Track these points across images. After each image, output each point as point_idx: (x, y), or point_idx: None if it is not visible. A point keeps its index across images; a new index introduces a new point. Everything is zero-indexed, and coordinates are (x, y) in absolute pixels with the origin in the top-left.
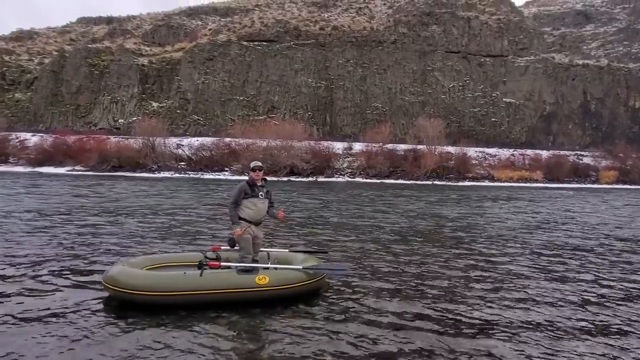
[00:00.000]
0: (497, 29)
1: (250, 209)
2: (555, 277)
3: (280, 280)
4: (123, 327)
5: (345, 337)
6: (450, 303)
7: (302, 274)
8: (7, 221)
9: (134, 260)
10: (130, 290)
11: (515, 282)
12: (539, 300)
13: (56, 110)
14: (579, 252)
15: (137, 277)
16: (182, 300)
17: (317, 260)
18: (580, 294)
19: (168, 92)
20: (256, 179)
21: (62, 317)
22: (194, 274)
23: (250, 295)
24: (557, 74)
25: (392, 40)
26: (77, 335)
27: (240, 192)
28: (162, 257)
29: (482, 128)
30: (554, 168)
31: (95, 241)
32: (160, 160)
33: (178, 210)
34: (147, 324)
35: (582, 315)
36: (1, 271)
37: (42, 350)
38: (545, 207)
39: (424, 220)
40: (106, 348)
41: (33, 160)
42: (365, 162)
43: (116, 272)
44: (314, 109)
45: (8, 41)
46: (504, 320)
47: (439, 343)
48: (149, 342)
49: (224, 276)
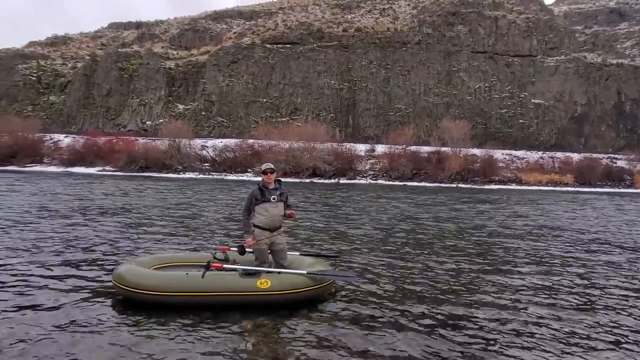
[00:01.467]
0: (525, 28)
1: (262, 215)
2: (578, 286)
3: (282, 285)
4: (124, 325)
5: (348, 344)
6: (465, 308)
7: (306, 279)
8: (36, 218)
9: (142, 259)
10: (135, 289)
11: (540, 293)
12: (563, 310)
13: (88, 112)
14: (607, 259)
15: (142, 276)
16: (183, 300)
17: (325, 265)
18: (608, 306)
19: (194, 95)
20: (268, 183)
21: (70, 313)
22: (196, 275)
23: (251, 299)
24: (589, 74)
25: (416, 41)
26: (79, 329)
27: (250, 198)
28: (170, 257)
29: (509, 130)
30: (586, 171)
31: (114, 238)
32: (185, 161)
33: (198, 211)
34: (152, 324)
35: (610, 327)
36: (20, 266)
37: (45, 345)
38: (576, 211)
39: (445, 224)
40: (104, 344)
41: (66, 161)
42: (388, 164)
43: (123, 271)
44: (336, 111)
45: (44, 46)
46: (525, 330)
47: (449, 349)
48: (148, 341)
49: (226, 278)
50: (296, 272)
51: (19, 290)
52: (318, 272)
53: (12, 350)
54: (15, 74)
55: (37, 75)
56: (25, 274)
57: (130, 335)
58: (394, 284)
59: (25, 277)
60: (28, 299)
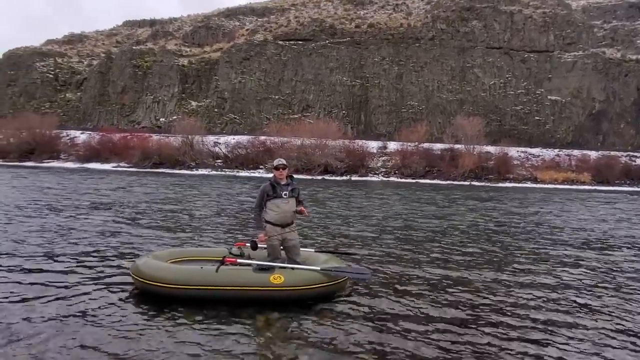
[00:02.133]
0: (542, 23)
1: (273, 211)
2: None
3: (296, 281)
4: (139, 316)
5: (362, 342)
6: (486, 309)
7: (320, 275)
8: (56, 212)
9: (159, 252)
10: (151, 282)
11: (559, 292)
12: (588, 312)
13: (103, 109)
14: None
15: (158, 270)
16: (196, 294)
17: (340, 262)
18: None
19: (206, 92)
20: (280, 178)
21: (88, 303)
22: (209, 269)
23: (264, 294)
24: (608, 70)
25: (429, 37)
26: (93, 320)
27: (262, 194)
28: (187, 251)
29: (524, 127)
30: (604, 170)
31: (134, 232)
32: (198, 157)
33: (214, 206)
34: (166, 316)
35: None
36: (42, 259)
37: (59, 334)
38: (592, 210)
39: (462, 222)
40: (115, 334)
41: (82, 157)
42: (400, 162)
43: (141, 264)
44: (348, 108)
45: (61, 44)
46: (539, 328)
47: (465, 347)
48: (160, 333)
49: (240, 273)
50: (310, 268)
51: (40, 281)
52: (332, 269)
53: (31, 339)
54: (34, 72)
55: (54, 72)
56: (46, 265)
57: (142, 327)
58: (409, 281)
59: (44, 268)
60: (46, 289)
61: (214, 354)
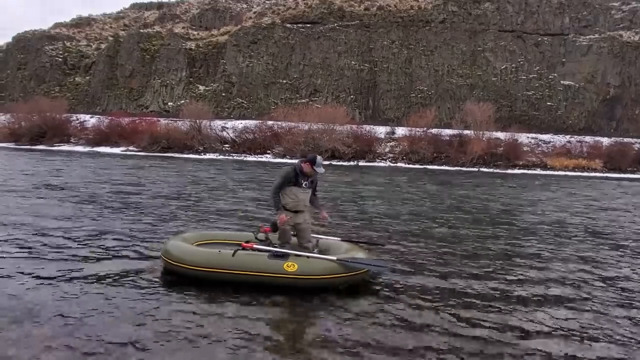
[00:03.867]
0: (557, 5)
1: (290, 198)
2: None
3: (310, 270)
4: (166, 297)
5: (378, 338)
6: (494, 303)
7: (336, 265)
8: (88, 198)
9: (188, 234)
10: (175, 263)
11: (582, 288)
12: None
13: (111, 93)
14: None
15: (183, 251)
16: (213, 276)
17: (363, 253)
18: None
19: (214, 76)
20: (307, 172)
21: (120, 282)
22: (227, 253)
23: (276, 280)
24: (625, 54)
25: (440, 20)
26: (124, 299)
27: (285, 179)
28: (214, 234)
29: (536, 113)
30: (616, 157)
31: (163, 215)
32: (206, 142)
33: (241, 191)
34: (195, 298)
35: None
36: (77, 241)
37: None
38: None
39: (480, 209)
40: (127, 311)
41: (91, 141)
42: (408, 147)
43: (170, 245)
44: (356, 92)
45: (69, 28)
46: (564, 325)
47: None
48: (189, 314)
49: (255, 258)
50: (326, 258)
51: (66, 257)
52: (349, 260)
53: (59, 318)
54: (43, 56)
55: (63, 56)
56: (78, 244)
57: (157, 307)
58: (431, 275)
59: (76, 247)
60: (78, 267)
61: (219, 337)
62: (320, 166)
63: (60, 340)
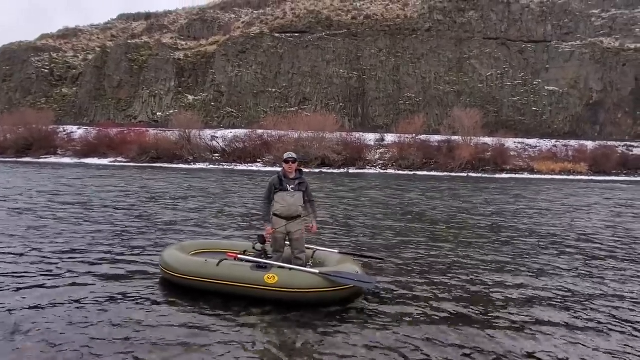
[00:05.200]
0: (539, 13)
1: (279, 204)
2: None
3: (290, 283)
4: (157, 306)
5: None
6: (487, 301)
7: (318, 279)
8: (76, 209)
9: (185, 243)
10: (168, 271)
11: (578, 297)
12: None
13: (99, 104)
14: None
15: (176, 260)
16: (198, 286)
17: (356, 266)
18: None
19: (203, 85)
20: (289, 172)
21: (116, 293)
22: (212, 263)
23: (257, 292)
24: (606, 60)
25: (426, 28)
26: (119, 309)
27: (270, 187)
28: (211, 243)
29: (521, 118)
30: (600, 160)
31: (158, 226)
32: (195, 151)
33: (225, 200)
34: (188, 307)
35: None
36: (77, 250)
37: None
38: (592, 200)
39: (468, 215)
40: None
41: (79, 152)
42: (398, 154)
43: (165, 254)
44: (345, 100)
45: (56, 39)
46: (553, 324)
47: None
48: (184, 325)
49: (238, 269)
50: (308, 271)
51: (55, 269)
52: (332, 274)
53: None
54: (29, 67)
55: (50, 67)
56: (75, 256)
57: (157, 316)
58: (425, 285)
59: (76, 258)
60: (78, 279)
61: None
62: (288, 154)
63: (49, 354)
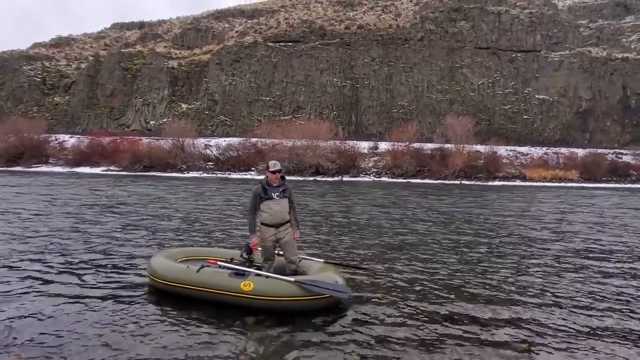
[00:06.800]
0: (529, 24)
1: (266, 213)
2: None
3: (265, 291)
4: (145, 312)
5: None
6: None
7: (294, 288)
8: (69, 217)
9: (172, 250)
10: (153, 277)
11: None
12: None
13: (92, 112)
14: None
15: (160, 266)
16: (179, 292)
17: (336, 275)
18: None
19: (197, 94)
20: (272, 181)
21: (106, 298)
22: (193, 269)
23: (233, 299)
24: (594, 69)
25: (418, 38)
26: (106, 315)
27: (255, 197)
28: (198, 251)
29: (513, 126)
30: (591, 167)
31: (150, 234)
32: (189, 160)
33: (219, 208)
34: (175, 314)
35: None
36: (69, 256)
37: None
38: (585, 207)
39: (452, 222)
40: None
41: (71, 161)
42: (391, 162)
43: (153, 261)
44: (339, 109)
45: (48, 48)
46: (543, 333)
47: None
48: (169, 333)
49: (216, 276)
50: (283, 279)
51: (44, 276)
52: (307, 282)
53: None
54: (21, 76)
55: (42, 76)
56: (65, 266)
57: (145, 323)
58: (409, 294)
59: (64, 268)
60: (67, 288)
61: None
62: (274, 164)
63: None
